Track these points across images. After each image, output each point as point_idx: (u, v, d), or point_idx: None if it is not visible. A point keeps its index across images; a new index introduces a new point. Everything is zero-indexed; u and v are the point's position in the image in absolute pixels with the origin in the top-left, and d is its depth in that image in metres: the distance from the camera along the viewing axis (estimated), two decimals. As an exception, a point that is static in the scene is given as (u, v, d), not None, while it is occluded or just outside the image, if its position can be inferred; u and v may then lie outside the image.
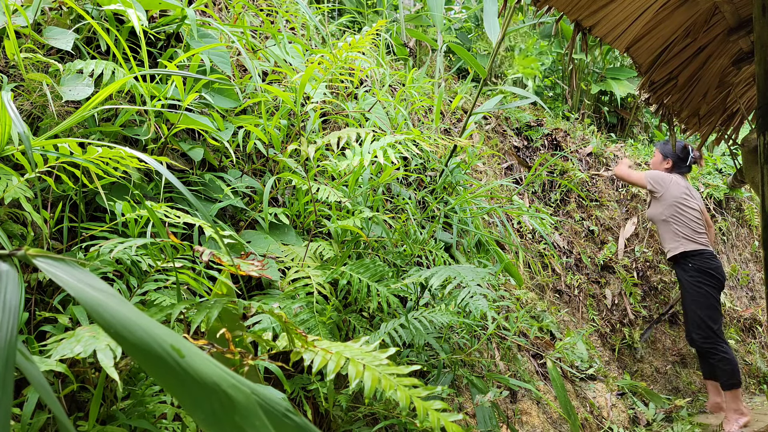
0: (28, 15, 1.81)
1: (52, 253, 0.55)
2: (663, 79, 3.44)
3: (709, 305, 3.81)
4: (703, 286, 3.84)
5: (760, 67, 2.34)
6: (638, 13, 2.98)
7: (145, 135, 1.85)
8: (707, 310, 3.81)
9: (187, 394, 0.44)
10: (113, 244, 1.33)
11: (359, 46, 2.04)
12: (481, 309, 1.78)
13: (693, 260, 3.90)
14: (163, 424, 1.44)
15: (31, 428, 1.27)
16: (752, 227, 6.20)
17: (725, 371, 3.71)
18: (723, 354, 3.73)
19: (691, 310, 3.86)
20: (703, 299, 3.82)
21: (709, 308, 3.81)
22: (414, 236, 2.44)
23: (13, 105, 1.22)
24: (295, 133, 2.41)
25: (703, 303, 3.82)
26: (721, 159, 6.48)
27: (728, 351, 3.76)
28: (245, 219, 2.19)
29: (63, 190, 1.65)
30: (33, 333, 1.48)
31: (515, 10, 2.84)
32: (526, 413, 2.94)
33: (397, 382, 1.09)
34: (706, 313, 3.80)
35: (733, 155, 3.97)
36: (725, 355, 3.73)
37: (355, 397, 2.07)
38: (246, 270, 1.26)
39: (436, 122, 3.00)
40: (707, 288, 3.83)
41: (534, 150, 4.85)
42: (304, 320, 1.77)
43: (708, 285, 3.84)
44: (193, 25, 2.03)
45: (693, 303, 3.85)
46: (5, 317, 0.46)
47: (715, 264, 3.90)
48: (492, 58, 3.05)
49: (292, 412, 0.52)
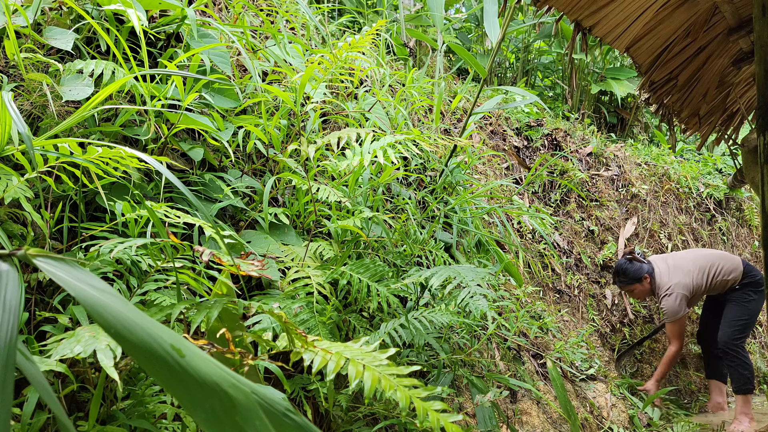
0: (28, 15, 1.81)
1: (52, 253, 0.55)
2: (663, 79, 3.44)
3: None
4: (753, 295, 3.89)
5: (760, 67, 2.34)
6: (638, 13, 2.98)
7: (145, 135, 1.85)
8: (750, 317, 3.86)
9: (188, 394, 0.44)
10: (113, 244, 1.33)
11: (359, 46, 2.04)
12: (481, 309, 1.78)
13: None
14: (163, 424, 1.44)
15: (31, 428, 1.27)
16: (752, 227, 6.20)
17: (744, 375, 3.73)
18: (744, 358, 3.77)
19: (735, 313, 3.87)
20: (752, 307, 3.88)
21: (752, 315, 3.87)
22: (414, 236, 2.44)
23: (13, 105, 1.22)
24: (295, 133, 2.41)
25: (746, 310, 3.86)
26: (721, 159, 6.48)
27: (748, 355, 3.83)
28: (245, 219, 2.19)
29: (63, 190, 1.65)
30: (33, 333, 1.48)
31: (515, 9, 2.84)
32: (526, 413, 2.94)
33: (397, 382, 1.09)
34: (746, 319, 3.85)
35: (733, 155, 3.97)
36: (746, 359, 3.77)
37: (355, 397, 2.07)
38: (246, 270, 1.26)
39: (436, 122, 3.00)
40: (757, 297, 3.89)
41: (534, 150, 4.85)
42: (304, 320, 1.77)
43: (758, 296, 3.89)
44: (193, 25, 2.03)
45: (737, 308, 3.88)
46: (5, 317, 0.46)
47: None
48: (492, 57, 3.05)
49: (292, 412, 0.52)
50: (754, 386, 3.75)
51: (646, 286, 3.94)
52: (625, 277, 3.93)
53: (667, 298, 3.84)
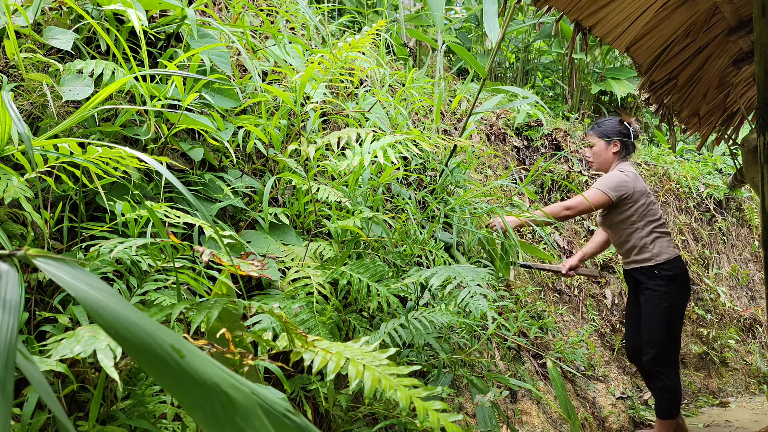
0: (28, 15, 1.81)
1: (52, 253, 0.55)
2: (663, 79, 3.44)
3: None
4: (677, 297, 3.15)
5: (760, 67, 2.34)
6: (638, 13, 2.98)
7: (145, 135, 1.85)
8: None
9: (187, 394, 0.44)
10: (113, 244, 1.33)
11: (359, 46, 2.04)
12: (481, 309, 1.78)
13: (668, 267, 3.15)
14: (163, 424, 1.44)
15: (31, 428, 1.27)
16: (752, 227, 6.20)
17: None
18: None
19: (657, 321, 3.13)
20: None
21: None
22: (414, 236, 2.44)
23: (13, 105, 1.22)
24: (295, 133, 2.41)
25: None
26: (721, 159, 6.48)
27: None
28: (245, 219, 2.19)
29: (63, 190, 1.65)
30: (33, 333, 1.48)
31: (515, 9, 2.84)
32: (526, 413, 2.95)
33: (397, 382, 1.09)
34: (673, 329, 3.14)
35: (733, 155, 3.97)
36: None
37: (355, 397, 2.07)
38: (246, 270, 1.26)
39: (436, 122, 3.00)
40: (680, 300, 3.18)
41: (534, 150, 4.85)
42: (304, 320, 1.77)
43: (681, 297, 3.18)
44: (193, 25, 2.03)
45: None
46: (5, 317, 0.46)
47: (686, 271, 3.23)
48: (492, 57, 3.05)
49: (292, 412, 0.52)
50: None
51: (609, 153, 3.28)
52: (599, 126, 3.34)
53: (614, 173, 3.21)
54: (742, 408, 4.39)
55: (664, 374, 3.08)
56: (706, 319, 5.01)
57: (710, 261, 5.52)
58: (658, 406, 3.13)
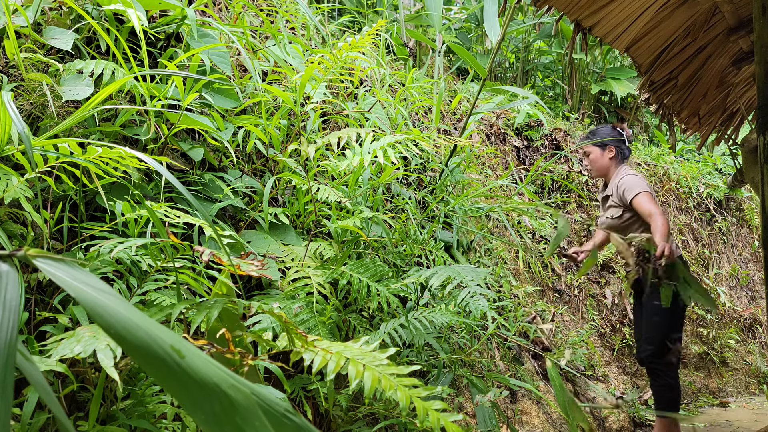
0: (28, 15, 1.81)
1: (52, 254, 0.55)
2: (663, 79, 3.44)
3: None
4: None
5: (760, 67, 2.34)
6: (638, 13, 2.97)
7: (145, 135, 1.85)
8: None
9: (188, 394, 0.44)
10: (113, 244, 1.33)
11: (359, 46, 2.04)
12: (481, 309, 1.78)
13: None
14: (163, 424, 1.44)
15: (31, 428, 1.27)
16: (752, 227, 6.20)
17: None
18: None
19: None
20: None
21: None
22: (414, 236, 2.44)
23: (13, 105, 1.22)
24: (295, 133, 2.41)
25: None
26: (721, 159, 6.48)
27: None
28: (245, 219, 2.19)
29: (63, 190, 1.65)
30: (33, 333, 1.48)
31: (515, 9, 2.84)
32: (526, 413, 2.94)
33: (397, 382, 1.09)
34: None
35: (733, 155, 3.97)
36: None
37: (355, 397, 2.07)
38: (246, 270, 1.26)
39: (436, 122, 3.00)
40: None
41: (534, 150, 4.85)
42: (304, 320, 1.77)
43: None
44: (193, 25, 2.03)
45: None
46: (5, 317, 0.46)
47: None
48: (492, 57, 3.05)
49: (291, 412, 0.52)
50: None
51: (606, 159, 3.30)
52: (593, 135, 3.37)
53: (629, 177, 3.21)
54: (742, 408, 4.39)
55: (663, 371, 3.09)
56: (706, 319, 5.01)
57: (710, 261, 5.52)
58: (657, 403, 3.14)
